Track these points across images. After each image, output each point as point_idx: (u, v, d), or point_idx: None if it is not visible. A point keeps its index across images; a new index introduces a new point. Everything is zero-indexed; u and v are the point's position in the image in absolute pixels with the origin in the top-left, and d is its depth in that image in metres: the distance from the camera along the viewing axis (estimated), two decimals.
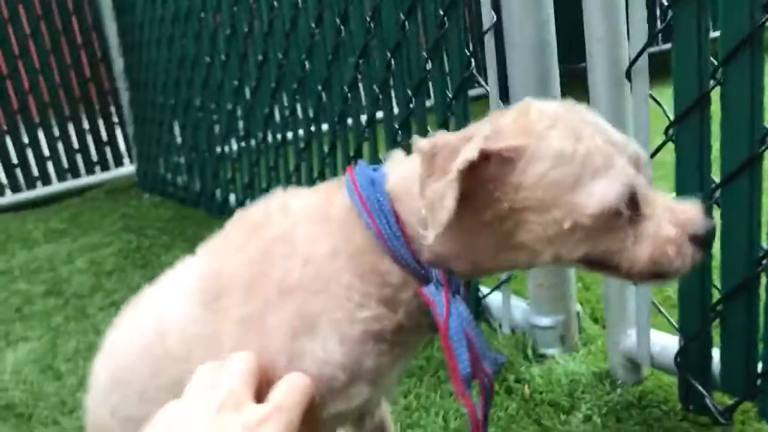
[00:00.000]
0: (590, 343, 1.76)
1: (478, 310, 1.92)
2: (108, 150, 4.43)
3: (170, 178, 3.83)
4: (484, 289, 1.92)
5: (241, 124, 2.99)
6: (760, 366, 1.25)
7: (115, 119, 4.41)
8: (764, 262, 1.21)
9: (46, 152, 4.26)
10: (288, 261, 0.87)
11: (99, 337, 2.08)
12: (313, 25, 2.30)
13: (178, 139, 3.61)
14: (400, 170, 0.88)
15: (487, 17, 1.66)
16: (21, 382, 1.97)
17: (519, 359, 1.72)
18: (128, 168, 4.48)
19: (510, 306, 1.84)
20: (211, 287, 0.93)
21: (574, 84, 1.58)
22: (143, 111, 3.94)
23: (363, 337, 0.87)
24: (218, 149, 3.23)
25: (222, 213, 3.28)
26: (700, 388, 1.35)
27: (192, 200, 3.59)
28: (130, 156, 4.49)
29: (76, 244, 3.22)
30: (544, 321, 1.74)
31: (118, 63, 4.22)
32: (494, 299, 1.90)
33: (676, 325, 1.40)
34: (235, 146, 3.10)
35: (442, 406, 1.60)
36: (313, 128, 2.49)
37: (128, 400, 0.98)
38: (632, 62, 1.34)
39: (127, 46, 4.03)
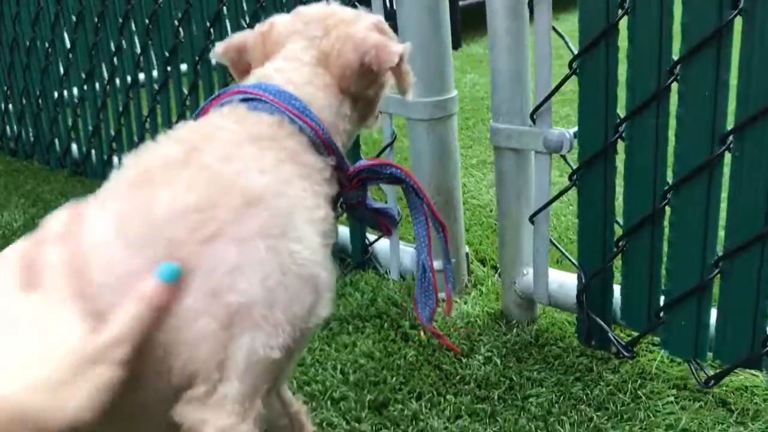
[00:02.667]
0: (479, 284, 1.74)
1: (364, 257, 1.84)
2: None
3: None
4: (370, 237, 1.84)
5: (81, 64, 2.69)
6: (662, 299, 1.27)
7: None
8: (669, 195, 1.21)
9: None
10: (244, 174, 0.84)
11: None
12: None
13: (4, 84, 3.21)
14: (284, 78, 0.96)
15: None
16: None
17: (410, 304, 1.66)
18: None
19: (399, 251, 1.78)
20: (144, 226, 0.79)
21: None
22: None
23: (324, 237, 0.90)
24: (55, 94, 2.90)
25: (62, 165, 2.97)
26: (603, 324, 1.36)
27: (25, 152, 3.23)
28: None
29: None
30: (435, 264, 1.69)
31: None
32: (381, 246, 1.83)
33: (575, 262, 1.39)
34: (75, 90, 2.79)
35: (339, 359, 1.51)
36: (169, 68, 2.27)
37: None
38: None
39: None
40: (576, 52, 1.26)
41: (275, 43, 1.04)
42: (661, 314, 1.27)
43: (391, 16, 1.57)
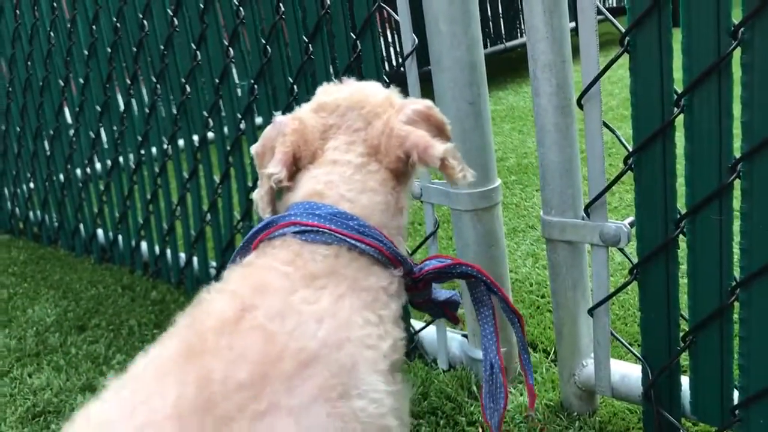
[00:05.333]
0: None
1: (410, 346, 1.81)
2: None
3: (20, 212, 3.42)
4: (416, 325, 1.81)
5: (107, 152, 2.69)
6: (737, 395, 1.23)
7: None
8: (737, 291, 1.18)
9: None
10: (298, 331, 0.81)
11: None
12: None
13: (29, 170, 3.22)
14: (336, 194, 0.95)
15: (408, 40, 1.55)
16: None
17: (464, 398, 1.63)
18: None
19: (446, 339, 1.75)
20: (199, 405, 0.77)
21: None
22: None
23: (391, 368, 0.88)
24: (80, 179, 2.90)
25: (88, 252, 2.96)
26: (673, 420, 1.32)
27: (49, 237, 3.22)
28: None
29: None
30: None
31: None
32: (427, 334, 1.80)
33: (639, 356, 1.36)
34: (100, 170, 2.79)
35: None
36: (199, 155, 2.27)
37: None
38: (584, 91, 1.27)
39: None
40: (630, 148, 1.25)
41: (313, 141, 1.01)
42: (736, 411, 1.23)
43: None
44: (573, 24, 1.86)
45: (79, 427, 0.83)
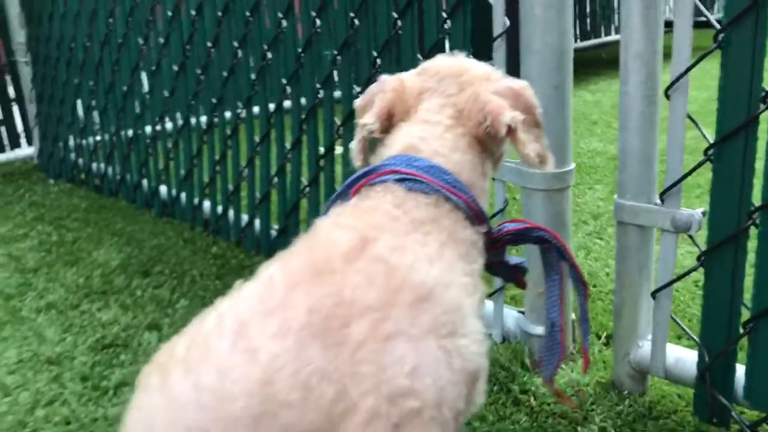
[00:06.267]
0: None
1: None
2: (3, 129, 4.04)
3: (83, 163, 3.55)
4: None
5: (179, 109, 2.80)
6: None
7: (12, 96, 4.03)
8: None
9: None
10: (416, 266, 0.89)
11: (44, 346, 1.92)
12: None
13: (96, 122, 3.34)
14: (430, 149, 1.01)
15: (500, 23, 1.63)
16: None
17: (519, 369, 1.70)
18: (25, 150, 4.11)
19: (502, 314, 1.82)
20: (331, 317, 0.85)
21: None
22: (51, 89, 3.62)
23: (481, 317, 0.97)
24: (148, 134, 3.02)
25: (149, 206, 3.07)
26: (726, 402, 1.38)
27: (110, 189, 3.34)
28: (27, 137, 4.12)
29: None
30: (540, 329, 1.74)
31: (18, 35, 3.85)
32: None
33: (697, 340, 1.43)
34: (170, 126, 2.90)
35: None
36: (272, 120, 2.37)
37: None
38: (674, 82, 1.34)
39: (31, 17, 3.69)
40: (711, 140, 1.31)
41: (408, 100, 1.07)
42: None
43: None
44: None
45: (211, 322, 0.92)
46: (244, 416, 0.85)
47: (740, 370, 1.39)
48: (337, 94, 2.11)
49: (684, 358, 1.49)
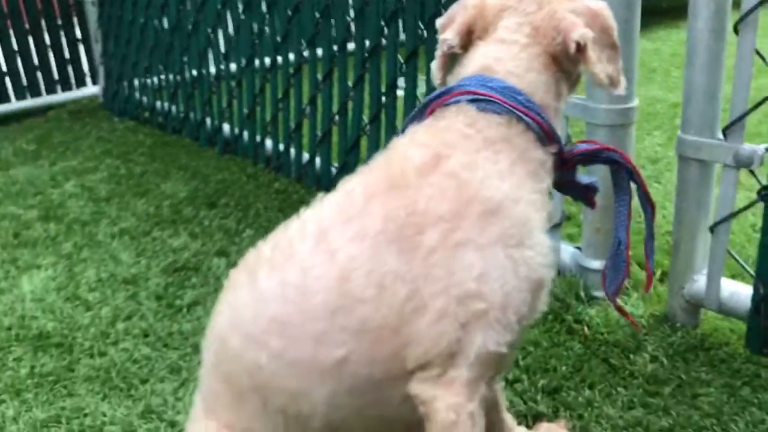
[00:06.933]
0: (640, 286, 1.82)
1: None
2: (70, 68, 4.17)
3: (147, 101, 3.66)
4: None
5: (241, 47, 2.87)
6: None
7: (79, 36, 4.15)
8: None
9: (4, 67, 3.97)
10: (486, 182, 0.95)
11: (120, 267, 2.05)
12: None
13: (161, 62, 3.44)
14: (505, 70, 1.02)
15: None
16: (48, 311, 1.88)
17: (573, 301, 1.76)
18: (91, 89, 4.24)
19: (559, 249, 1.87)
20: (405, 225, 0.92)
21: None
22: (117, 29, 3.72)
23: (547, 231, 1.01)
24: (212, 74, 3.10)
25: (212, 143, 3.17)
26: None
27: (173, 127, 3.45)
28: (92, 76, 4.25)
29: (57, 167, 3.05)
30: (596, 264, 1.79)
31: None
32: None
33: (753, 273, 1.46)
34: (234, 69, 2.98)
35: None
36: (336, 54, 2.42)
37: (298, 343, 0.95)
38: (744, 16, 1.35)
39: None
40: None
41: (488, 17, 1.07)
42: None
43: None
44: None
45: (295, 228, 1.00)
46: (323, 309, 0.94)
47: None
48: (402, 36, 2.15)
49: (738, 291, 1.53)
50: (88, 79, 4.26)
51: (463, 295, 0.92)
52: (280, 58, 2.69)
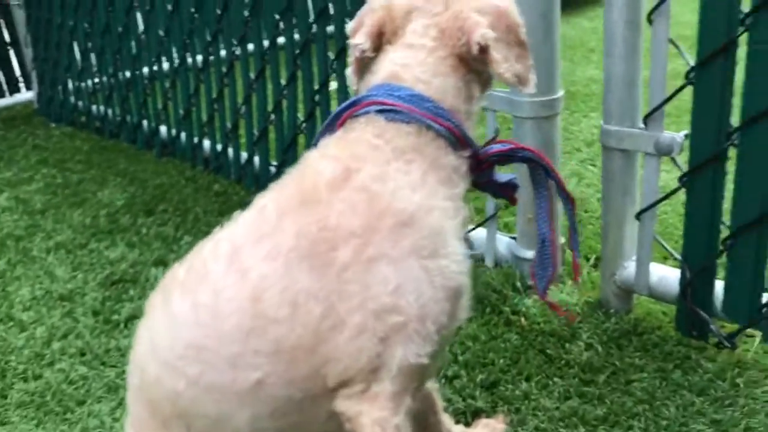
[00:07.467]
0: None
1: None
2: (1, 74, 4.05)
3: (83, 106, 3.58)
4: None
5: (175, 47, 2.82)
6: (765, 297, 1.36)
7: (8, 39, 4.02)
8: None
9: None
10: (397, 193, 0.94)
11: (56, 284, 2.00)
12: None
13: (94, 64, 3.35)
14: (412, 77, 1.01)
15: None
16: None
17: (510, 292, 1.77)
18: (25, 94, 4.12)
19: (495, 240, 1.89)
20: (317, 241, 0.91)
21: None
22: (46, 32, 3.62)
23: (463, 239, 1.01)
24: (145, 75, 3.04)
25: (150, 146, 3.12)
26: (705, 316, 1.45)
27: (111, 131, 3.38)
28: (26, 81, 4.13)
29: None
30: (531, 254, 1.80)
31: None
32: (475, 235, 1.94)
33: (679, 258, 1.49)
34: (167, 67, 2.92)
35: None
36: (266, 57, 2.39)
37: (214, 368, 0.94)
38: (656, 6, 1.36)
39: None
40: (692, 63, 1.35)
41: (397, 19, 1.06)
42: (764, 310, 1.36)
43: None
44: None
45: (208, 248, 0.99)
46: (236, 332, 0.93)
47: (719, 286, 1.46)
48: (330, 29, 2.13)
49: (667, 276, 1.55)
50: (22, 85, 4.15)
51: (380, 309, 0.91)
52: (212, 57, 2.65)
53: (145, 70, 3.03)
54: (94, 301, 1.94)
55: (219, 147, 2.73)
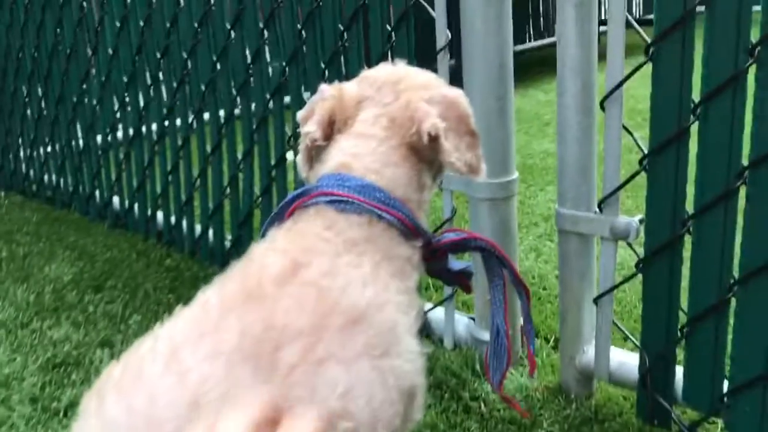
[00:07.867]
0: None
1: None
2: None
3: (34, 175, 3.50)
4: (426, 304, 1.91)
5: (129, 121, 2.78)
6: (726, 384, 1.34)
7: None
8: (735, 288, 1.28)
9: None
10: (348, 289, 0.90)
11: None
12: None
13: (47, 134, 3.29)
14: (362, 166, 1.00)
15: (442, 36, 1.65)
16: None
17: (468, 375, 1.73)
18: None
19: (453, 320, 1.85)
20: (262, 340, 0.86)
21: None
22: (1, 100, 3.56)
23: (416, 333, 0.97)
24: (99, 146, 2.98)
25: (102, 217, 3.04)
26: (666, 404, 1.42)
27: (62, 201, 3.30)
28: None
29: None
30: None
31: None
32: (434, 314, 1.90)
33: (638, 344, 1.46)
34: (121, 140, 2.87)
35: None
36: (223, 131, 2.36)
37: None
38: (608, 94, 1.37)
39: None
40: (646, 150, 1.35)
41: (348, 109, 1.07)
42: (725, 399, 1.33)
43: None
44: (602, 28, 1.96)
45: (146, 346, 0.92)
46: None
47: (679, 372, 1.43)
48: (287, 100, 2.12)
49: (627, 361, 1.53)
50: None
51: (332, 415, 0.86)
52: (168, 129, 2.61)
53: (99, 139, 2.98)
54: (33, 387, 1.84)
55: (173, 219, 2.67)
